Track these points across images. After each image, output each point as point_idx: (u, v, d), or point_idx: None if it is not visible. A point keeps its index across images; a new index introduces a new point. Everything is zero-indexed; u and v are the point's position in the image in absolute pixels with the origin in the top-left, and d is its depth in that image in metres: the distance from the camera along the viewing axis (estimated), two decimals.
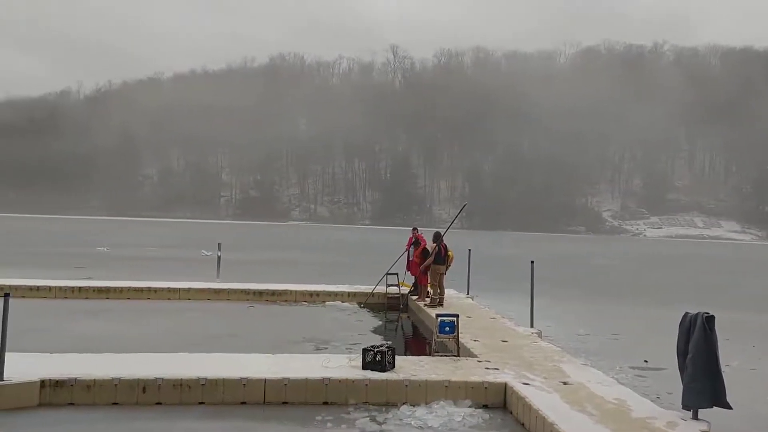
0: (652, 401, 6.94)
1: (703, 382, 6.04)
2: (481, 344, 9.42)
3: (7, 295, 6.80)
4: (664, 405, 6.88)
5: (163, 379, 7.04)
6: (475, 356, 8.65)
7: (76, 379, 6.90)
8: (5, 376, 6.65)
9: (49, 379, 6.86)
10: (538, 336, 10.75)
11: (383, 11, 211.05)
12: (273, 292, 15.56)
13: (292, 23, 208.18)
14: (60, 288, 15.02)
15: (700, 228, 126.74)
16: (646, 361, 10.19)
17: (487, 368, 7.90)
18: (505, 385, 7.23)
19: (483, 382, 7.27)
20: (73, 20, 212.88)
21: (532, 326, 11.45)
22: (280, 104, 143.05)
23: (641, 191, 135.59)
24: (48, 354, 8.02)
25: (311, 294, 15.59)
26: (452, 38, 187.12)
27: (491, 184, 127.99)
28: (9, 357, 6.75)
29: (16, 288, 14.12)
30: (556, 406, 6.35)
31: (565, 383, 7.30)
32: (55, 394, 6.83)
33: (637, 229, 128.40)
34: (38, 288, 14.89)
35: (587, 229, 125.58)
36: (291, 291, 15.66)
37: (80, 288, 15.15)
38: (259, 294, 15.46)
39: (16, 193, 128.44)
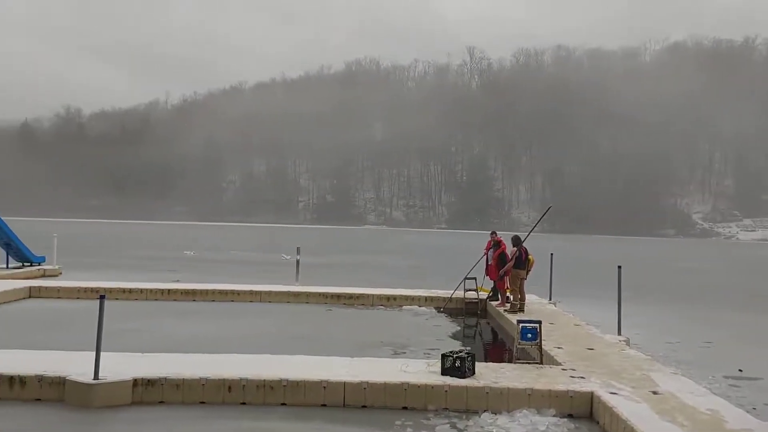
0: (747, 412, 6.55)
1: None
2: (565, 352, 9.14)
3: (102, 297, 7.17)
4: (761, 417, 6.48)
5: (247, 379, 7.21)
6: (559, 364, 8.41)
7: (166, 379, 7.17)
8: (101, 375, 6.99)
9: (142, 378, 7.15)
10: (626, 344, 10.36)
11: (459, 13, 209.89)
12: (350, 296, 15.72)
13: (367, 29, 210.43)
14: (151, 290, 15.72)
15: None
16: (740, 371, 9.64)
17: (572, 376, 7.67)
18: (592, 394, 6.99)
19: (568, 391, 7.06)
20: (161, 36, 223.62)
21: (619, 333, 11.05)
22: (356, 109, 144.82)
23: (733, 192, 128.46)
24: (140, 354, 8.39)
25: (388, 298, 15.62)
26: (531, 37, 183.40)
27: (573, 185, 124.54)
28: (104, 356, 7.10)
29: (111, 290, 14.93)
30: (646, 417, 6.09)
31: (654, 392, 7.00)
32: (146, 392, 7.13)
33: (730, 232, 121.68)
34: (131, 290, 15.64)
35: (677, 232, 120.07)
36: (368, 295, 15.76)
37: (169, 290, 15.81)
38: (337, 297, 15.66)
39: (110, 200, 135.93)
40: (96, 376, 6.96)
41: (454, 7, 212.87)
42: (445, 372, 7.43)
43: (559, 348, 9.37)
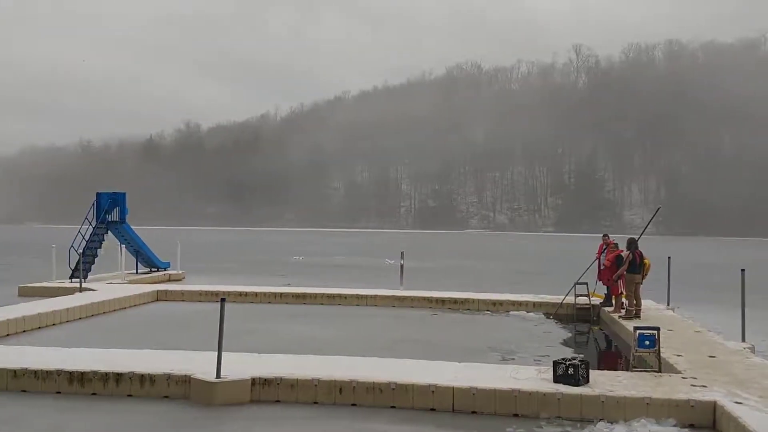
0: None
1: None
2: (685, 359, 8.69)
3: (223, 300, 7.59)
4: None
5: (357, 381, 7.38)
6: (679, 372, 8.01)
7: (281, 379, 7.49)
8: (222, 374, 7.40)
9: (259, 378, 7.51)
10: (751, 351, 9.68)
11: (563, 11, 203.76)
12: (455, 300, 15.66)
13: (467, 33, 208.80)
14: (264, 293, 16.48)
15: None
16: None
17: (693, 385, 7.30)
18: (715, 403, 6.64)
19: (689, 400, 6.73)
20: (266, 51, 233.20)
21: (743, 340, 10.36)
22: (458, 113, 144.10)
23: None
24: (257, 354, 8.81)
25: (494, 303, 15.41)
26: (641, 32, 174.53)
27: (690, 185, 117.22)
28: (225, 356, 7.51)
29: (229, 293, 15.77)
30: None
31: None
32: (263, 391, 7.47)
33: None
34: (246, 293, 16.46)
35: None
36: (473, 299, 15.62)
37: (281, 294, 16.50)
38: (442, 302, 15.64)
39: (226, 208, 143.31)
40: (218, 375, 7.38)
41: (557, 4, 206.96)
42: (557, 379, 7.27)
43: (678, 355, 8.92)
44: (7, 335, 11.46)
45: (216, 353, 7.43)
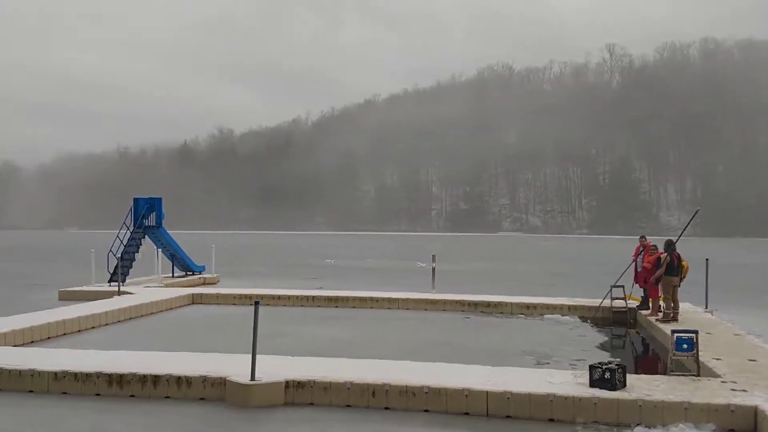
0: None
1: None
2: (724, 363, 8.49)
3: (257, 303, 7.67)
4: None
5: (390, 385, 7.38)
6: (718, 376, 7.84)
7: (314, 381, 7.53)
8: (256, 376, 7.48)
9: (293, 380, 7.56)
10: None
11: (595, 11, 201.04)
12: (488, 304, 15.54)
13: (498, 34, 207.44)
14: (297, 297, 16.61)
15: None
16: None
17: (733, 389, 7.14)
18: (756, 408, 6.48)
19: (729, 405, 6.58)
20: (297, 56, 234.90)
21: None
22: (489, 115, 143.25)
23: None
24: (290, 357, 8.87)
25: (528, 306, 15.27)
26: (675, 30, 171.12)
27: (727, 186, 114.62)
28: (259, 359, 7.59)
29: (262, 297, 15.88)
30: None
31: None
32: (297, 394, 7.53)
33: None
34: (279, 296, 16.62)
35: None
36: (507, 303, 15.49)
37: (314, 297, 16.61)
38: (474, 305, 15.54)
39: (259, 212, 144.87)
40: (253, 377, 7.46)
41: (589, 4, 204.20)
42: (593, 384, 7.16)
43: (717, 359, 8.73)
44: (48, 338, 11.75)
45: (250, 356, 7.52)
